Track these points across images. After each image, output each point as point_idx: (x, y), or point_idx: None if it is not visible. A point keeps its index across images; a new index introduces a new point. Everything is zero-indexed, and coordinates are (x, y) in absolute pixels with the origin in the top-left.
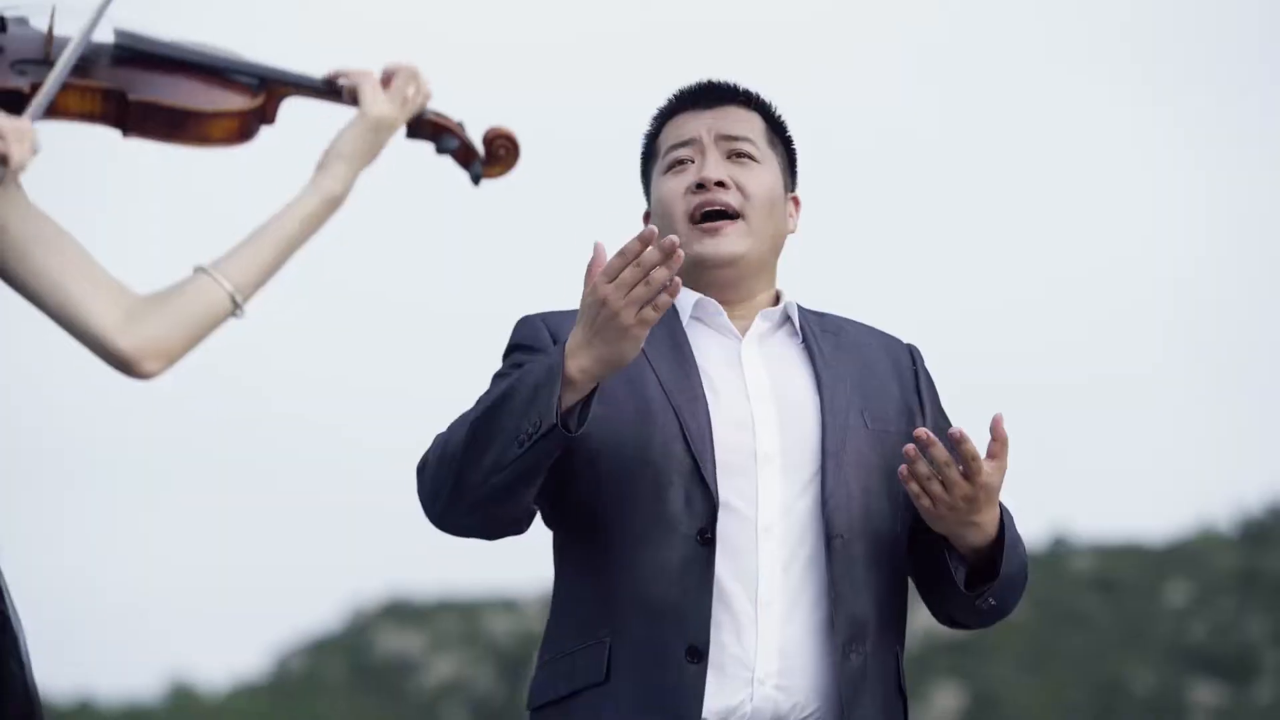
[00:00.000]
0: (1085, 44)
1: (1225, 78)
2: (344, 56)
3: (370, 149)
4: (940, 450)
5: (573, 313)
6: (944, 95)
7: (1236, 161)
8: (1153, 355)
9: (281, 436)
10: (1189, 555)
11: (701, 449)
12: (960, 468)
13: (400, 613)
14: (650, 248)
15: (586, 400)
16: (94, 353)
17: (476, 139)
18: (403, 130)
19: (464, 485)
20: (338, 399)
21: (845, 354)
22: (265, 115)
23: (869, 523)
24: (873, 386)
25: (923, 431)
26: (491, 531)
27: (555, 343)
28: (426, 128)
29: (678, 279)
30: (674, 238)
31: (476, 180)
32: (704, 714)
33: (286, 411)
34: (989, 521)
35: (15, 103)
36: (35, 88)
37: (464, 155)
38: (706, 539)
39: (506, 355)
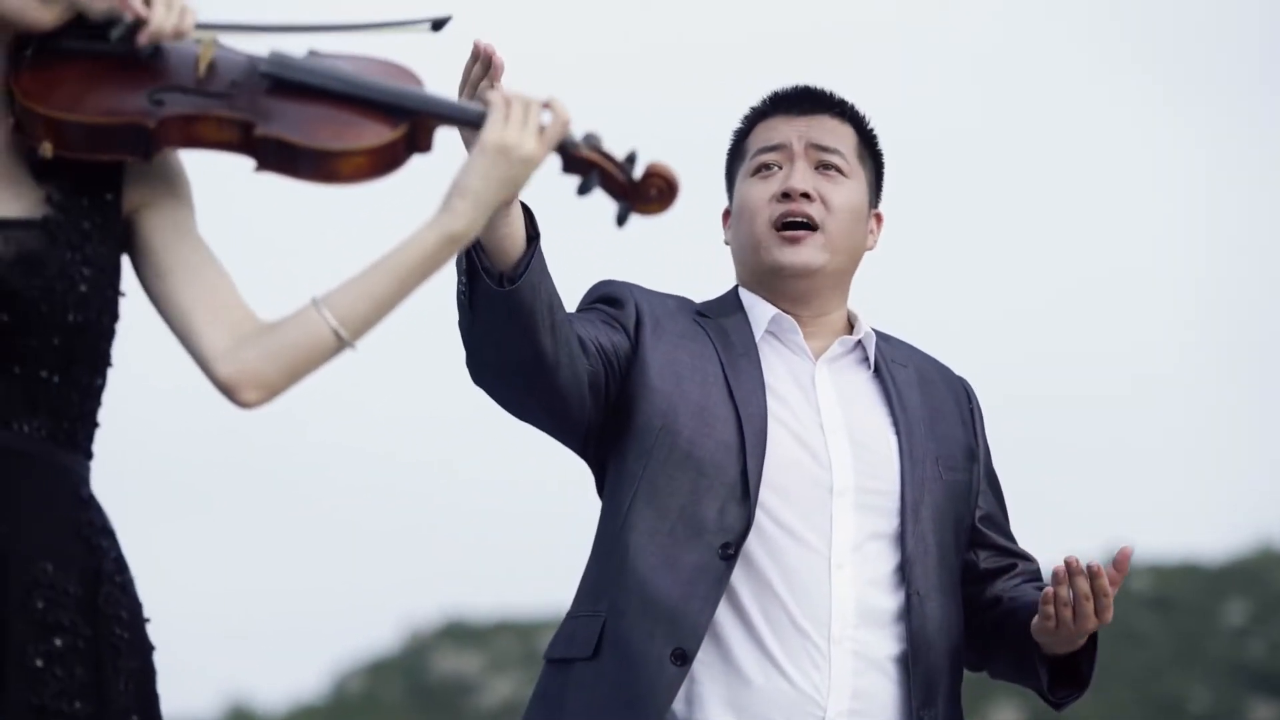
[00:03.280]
0: (1089, 44)
1: (1232, 75)
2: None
3: (500, 182)
4: (1083, 582)
5: (654, 292)
6: (946, 97)
7: (1273, 154)
8: (1205, 363)
9: (336, 460)
10: (1247, 573)
11: (754, 467)
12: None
13: (458, 633)
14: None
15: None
16: (206, 377)
17: (636, 173)
18: (558, 164)
19: (463, 336)
20: (395, 425)
21: (916, 392)
22: (416, 145)
23: (942, 579)
24: (943, 430)
25: (1073, 560)
26: (516, 394)
27: (639, 309)
28: (575, 163)
29: (496, 60)
30: (488, 43)
31: (621, 220)
32: None
33: (340, 437)
34: (1084, 636)
35: (140, 137)
36: (163, 122)
37: (614, 190)
38: (729, 554)
39: (587, 307)
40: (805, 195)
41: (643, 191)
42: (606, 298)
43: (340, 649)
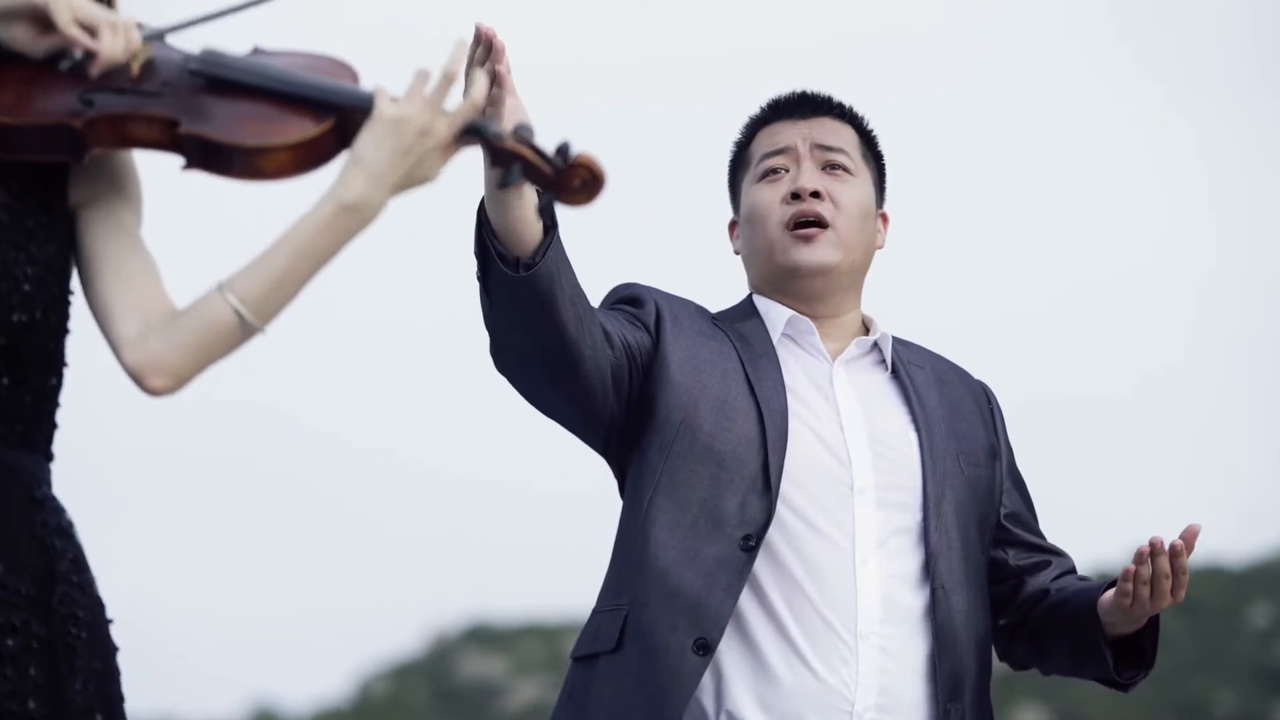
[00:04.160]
0: (1090, 46)
1: (1232, 75)
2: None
3: (394, 154)
4: (1164, 562)
5: (673, 295)
6: (946, 100)
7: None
8: (1230, 363)
9: (362, 465)
10: (1271, 576)
11: (776, 461)
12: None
13: (482, 636)
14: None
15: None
16: (119, 365)
17: (563, 164)
18: (488, 158)
19: (485, 322)
20: (421, 431)
21: (935, 392)
22: (346, 140)
23: (967, 573)
24: (963, 429)
25: (1158, 540)
26: (539, 383)
27: (659, 307)
28: (500, 155)
29: (497, 43)
30: (489, 26)
31: (545, 210)
32: None
33: (366, 442)
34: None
35: (67, 138)
36: (90, 122)
37: (539, 180)
38: (750, 546)
39: (607, 308)
40: (815, 194)
41: (567, 182)
42: (627, 298)
43: (365, 652)
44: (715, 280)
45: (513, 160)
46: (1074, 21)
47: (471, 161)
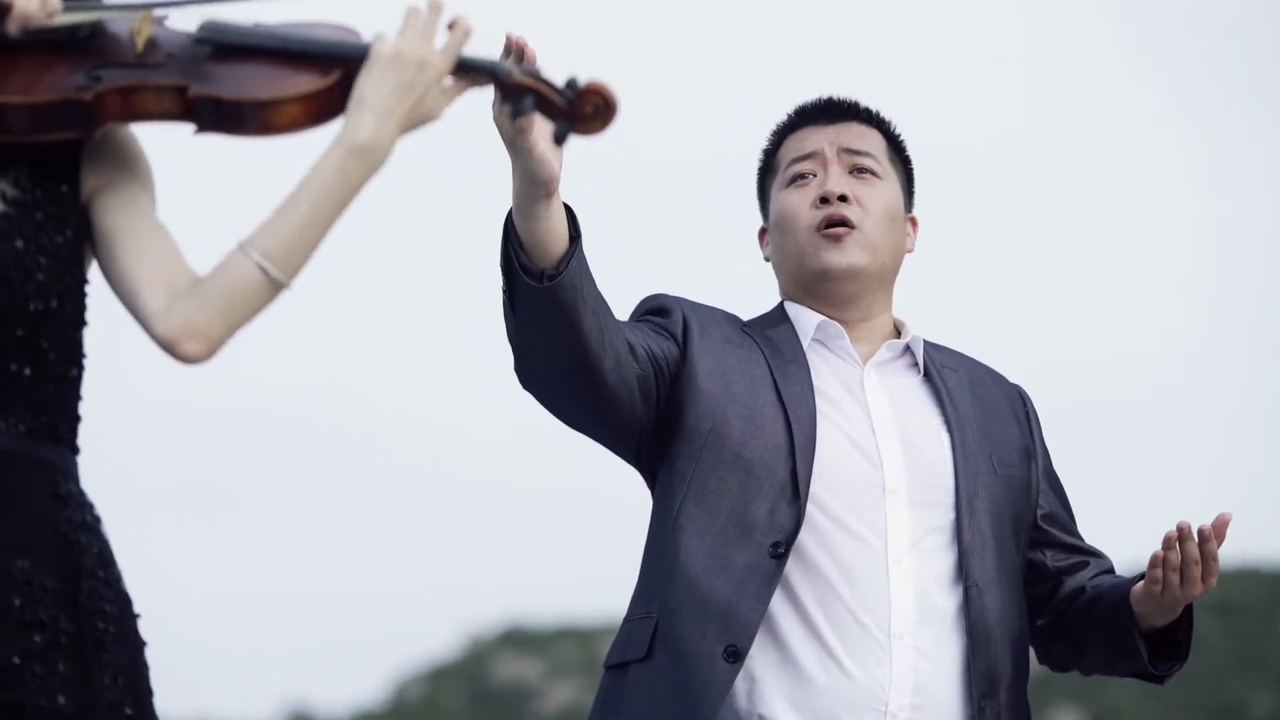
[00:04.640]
0: (1096, 47)
1: (1241, 80)
2: None
3: (396, 89)
4: (1193, 547)
5: (702, 304)
6: (946, 104)
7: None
8: (1263, 362)
9: (398, 470)
10: None
11: (804, 468)
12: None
13: (518, 640)
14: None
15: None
16: (150, 339)
17: (573, 93)
18: (495, 95)
19: (510, 340)
20: (455, 437)
21: (967, 394)
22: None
23: (1001, 572)
24: (997, 430)
25: (1185, 525)
26: (563, 397)
27: (685, 317)
28: (510, 89)
29: (528, 52)
30: (519, 35)
31: (560, 140)
32: None
33: (402, 449)
34: (1181, 606)
35: (79, 112)
36: (100, 96)
37: (551, 111)
38: (779, 553)
39: (635, 320)
40: (842, 198)
41: (579, 109)
42: (654, 309)
43: (401, 655)
44: (714, 278)
45: (524, 94)
46: (1074, 22)
47: (476, 166)
